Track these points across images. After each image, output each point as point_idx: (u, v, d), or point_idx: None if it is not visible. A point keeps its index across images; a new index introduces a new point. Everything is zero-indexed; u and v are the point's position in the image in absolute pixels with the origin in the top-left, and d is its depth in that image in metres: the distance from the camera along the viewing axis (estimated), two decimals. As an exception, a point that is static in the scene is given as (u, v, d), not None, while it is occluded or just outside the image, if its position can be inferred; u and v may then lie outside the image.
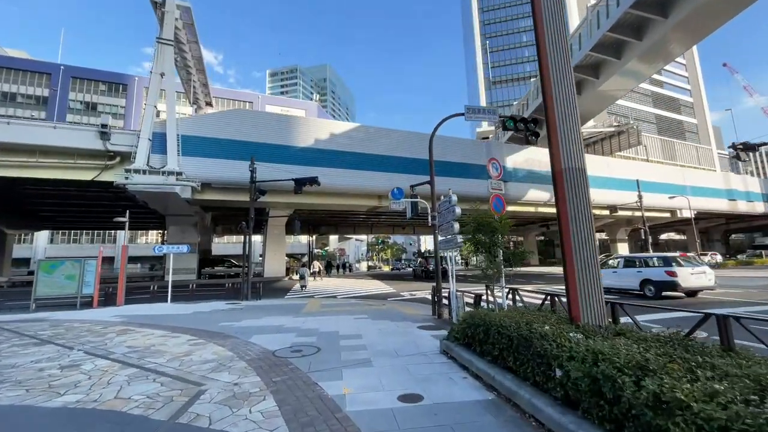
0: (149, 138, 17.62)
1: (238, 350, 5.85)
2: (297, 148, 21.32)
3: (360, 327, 7.74)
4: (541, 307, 5.05)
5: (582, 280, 3.50)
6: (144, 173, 17.01)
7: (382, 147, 23.42)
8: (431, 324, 7.96)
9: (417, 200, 9.86)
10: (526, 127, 10.30)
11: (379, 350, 5.66)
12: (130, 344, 6.52)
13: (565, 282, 3.69)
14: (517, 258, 4.78)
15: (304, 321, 8.82)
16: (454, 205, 7.93)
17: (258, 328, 7.89)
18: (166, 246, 14.58)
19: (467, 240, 5.33)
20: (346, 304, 12.27)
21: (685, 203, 32.29)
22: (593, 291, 3.49)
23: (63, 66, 49.16)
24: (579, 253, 3.55)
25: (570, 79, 3.94)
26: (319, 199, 22.79)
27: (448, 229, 8.11)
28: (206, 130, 19.50)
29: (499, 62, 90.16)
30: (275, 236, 26.78)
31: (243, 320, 9.28)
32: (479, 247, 4.85)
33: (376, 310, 10.62)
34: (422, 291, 16.71)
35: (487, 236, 4.84)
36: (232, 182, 19.46)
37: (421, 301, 13.17)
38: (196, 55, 25.05)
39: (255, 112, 21.06)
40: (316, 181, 15.97)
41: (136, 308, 12.40)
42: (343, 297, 15.64)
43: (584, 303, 3.48)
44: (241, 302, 14.05)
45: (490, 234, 4.86)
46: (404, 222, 43.86)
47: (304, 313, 10.47)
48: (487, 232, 4.87)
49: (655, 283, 11.77)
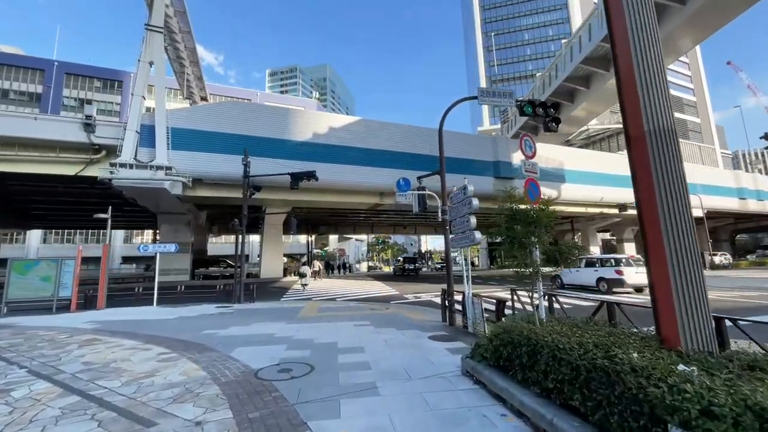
0: (136, 130, 16.58)
1: (213, 369, 4.80)
2: (294, 142, 20.28)
3: (362, 337, 6.70)
4: (590, 319, 4.00)
5: (681, 289, 2.46)
6: (131, 167, 15.96)
7: (383, 142, 22.38)
8: (443, 333, 6.92)
9: (425, 193, 8.81)
10: (545, 112, 9.26)
11: (386, 369, 4.61)
12: (88, 359, 5.48)
13: (651, 291, 2.65)
14: (566, 255, 3.69)
15: (298, 329, 7.78)
16: (470, 196, 6.89)
17: (244, 338, 6.85)
18: (152, 245, 13.54)
19: (498, 234, 4.28)
20: (345, 308, 11.23)
21: (696, 202, 31.25)
22: (697, 304, 2.45)
23: (57, 62, 48.11)
24: (675, 251, 2.51)
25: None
26: (318, 196, 21.74)
27: (463, 224, 7.08)
28: (198, 122, 18.45)
29: (501, 61, 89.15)
30: (272, 235, 25.73)
31: (230, 327, 8.25)
32: (515, 242, 3.80)
33: (379, 315, 9.58)
34: (427, 293, 15.67)
35: (526, 228, 3.80)
36: (225, 178, 18.40)
37: (427, 305, 12.14)
38: (189, 46, 24.01)
39: (250, 104, 20.05)
40: (313, 176, 14.94)
41: (116, 312, 11.36)
42: (343, 299, 14.61)
43: (685, 320, 2.44)
44: (233, 305, 13.04)
45: (529, 226, 3.82)
46: (406, 221, 42.83)
47: (299, 318, 9.44)
48: (525, 223, 3.83)
49: (608, 280, 13.77)
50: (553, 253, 3.75)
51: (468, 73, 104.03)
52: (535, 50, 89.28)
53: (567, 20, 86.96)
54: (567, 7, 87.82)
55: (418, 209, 9.00)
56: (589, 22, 24.24)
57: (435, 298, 13.60)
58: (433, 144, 23.80)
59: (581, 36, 25.27)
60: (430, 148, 23.49)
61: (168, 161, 16.97)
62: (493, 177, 25.30)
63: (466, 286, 7.07)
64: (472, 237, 6.67)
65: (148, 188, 16.30)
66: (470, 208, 6.81)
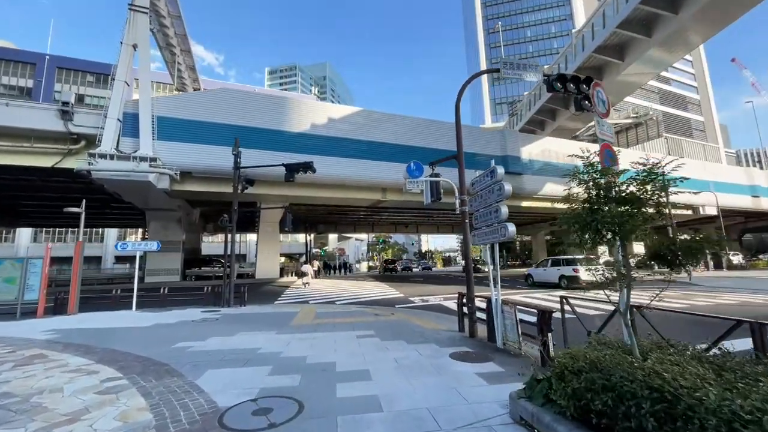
0: (118, 118, 15.23)
1: (165, 408, 3.50)
2: (291, 133, 18.97)
3: (366, 354, 5.40)
4: (711, 348, 2.68)
5: None
6: (111, 158, 14.62)
7: (387, 134, 21.08)
8: (467, 350, 5.60)
9: (439, 179, 7.50)
10: (577, 87, 7.96)
11: (404, 412, 3.31)
12: (9, 389, 4.18)
13: None
14: (695, 250, 2.32)
15: (288, 341, 6.48)
16: (500, 180, 5.60)
17: (222, 355, 5.55)
18: (131, 243, 12.23)
19: (568, 222, 3.00)
20: (346, 314, 9.94)
21: (711, 199, 30.01)
22: None
23: (48, 56, 46.72)
24: None
25: None
26: (317, 191, 20.44)
27: (490, 215, 5.78)
28: (187, 111, 17.12)
29: (503, 58, 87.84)
30: (268, 234, 24.42)
31: (209, 338, 6.95)
32: (602, 229, 2.49)
33: (385, 323, 8.29)
34: (435, 296, 14.38)
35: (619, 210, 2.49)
36: (216, 171, 17.07)
37: (436, 309, 10.86)
38: (179, 32, 22.66)
39: (243, 92, 18.71)
40: (310, 168, 13.63)
41: (87, 319, 10.05)
42: (343, 302, 13.32)
43: None
44: (221, 309, 11.78)
45: (627, 206, 2.51)
46: (407, 219, 41.55)
47: (292, 326, 8.15)
48: (620, 201, 2.53)
49: (567, 277, 15.98)
50: (668, 248, 2.42)
51: (469, 68, 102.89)
52: (538, 47, 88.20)
53: (570, 17, 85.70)
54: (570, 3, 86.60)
55: (430, 200, 7.69)
56: (602, 8, 22.93)
57: (445, 302, 12.32)
58: (440, 136, 22.53)
59: (593, 24, 23.97)
60: (436, 141, 22.21)
61: (153, 152, 15.64)
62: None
63: (493, 290, 5.78)
64: (503, 231, 5.38)
65: (131, 181, 14.95)
66: (500, 195, 5.52)
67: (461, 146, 7.18)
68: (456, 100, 7.31)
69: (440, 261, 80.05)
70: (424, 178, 7.26)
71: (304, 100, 19.98)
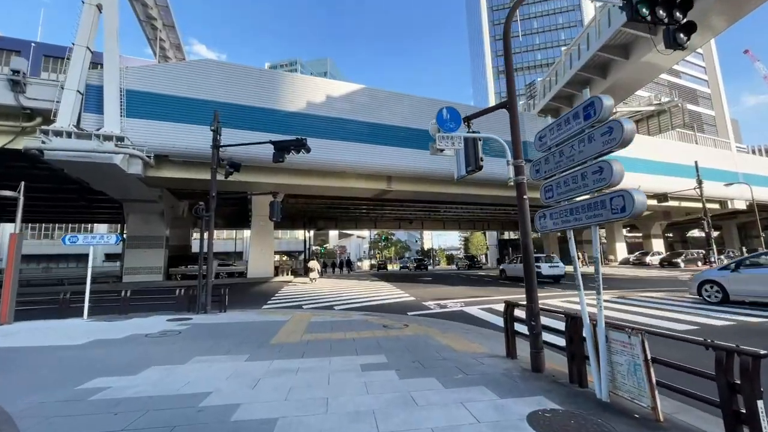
0: (78, 90, 12.95)
1: None
2: (283, 113, 16.66)
3: (379, 414, 3.12)
4: None
5: None
6: (69, 136, 12.34)
7: (393, 115, 18.76)
8: (553, 405, 3.29)
9: (481, 135, 5.19)
10: (669, 13, 5.65)
11: None
12: None
13: None
14: None
15: (257, 380, 4.22)
16: (607, 118, 3.31)
17: (136, 415, 3.28)
18: (82, 236, 9.94)
19: None
20: (345, 325, 7.68)
21: (743, 192, 27.61)
22: None
23: (34, 43, 44.30)
24: None
25: None
26: (314, 179, 18.14)
27: (585, 178, 3.48)
28: (162, 84, 14.83)
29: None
30: (261, 229, 22.14)
31: (145, 370, 4.72)
32: None
33: (399, 341, 6.06)
34: (453, 300, 12.10)
35: None
36: (195, 155, 14.80)
37: (459, 318, 8.61)
38: (161, 3, 20.35)
39: (228, 64, 16.40)
40: (303, 146, 11.34)
41: (15, 331, 7.82)
42: (343, 307, 11.08)
43: None
44: (193, 317, 9.59)
45: None
46: (411, 214, 39.27)
47: (272, 346, 5.94)
48: None
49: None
50: None
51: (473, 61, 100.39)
52: (544, 39, 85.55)
53: (578, 6, 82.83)
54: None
55: (465, 171, 5.36)
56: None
57: (468, 309, 10.04)
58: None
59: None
60: (446, 125, 19.87)
61: (121, 130, 13.37)
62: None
63: (584, 300, 3.51)
64: (618, 204, 3.08)
65: (94, 164, 12.65)
66: (610, 142, 3.21)
67: (513, 86, 4.88)
68: (506, 20, 4.99)
69: (444, 259, 77.84)
70: (460, 133, 4.94)
71: (299, 75, 17.65)
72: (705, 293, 9.52)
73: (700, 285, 9.66)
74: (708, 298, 9.42)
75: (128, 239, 20.07)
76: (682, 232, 53.52)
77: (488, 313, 9.23)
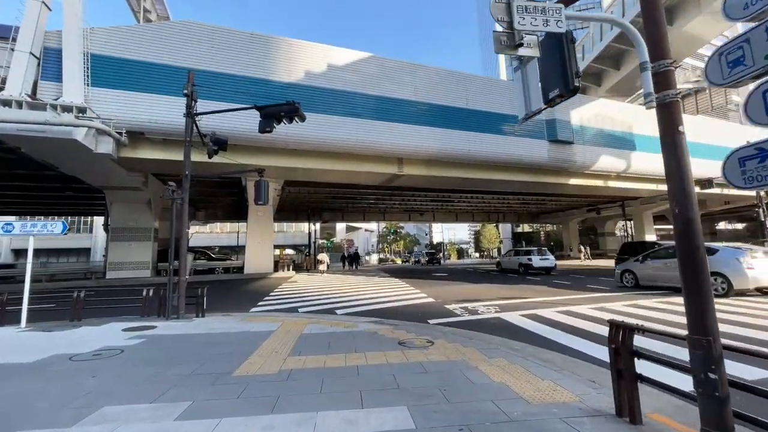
0: (32, 52, 10.91)
1: None
2: (278, 84, 14.42)
3: None
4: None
5: None
6: (20, 107, 10.32)
7: (404, 89, 16.39)
8: None
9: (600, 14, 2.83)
10: None
11: None
12: None
13: None
14: None
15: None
16: None
17: None
18: (21, 224, 7.92)
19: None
20: (348, 340, 5.46)
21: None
22: None
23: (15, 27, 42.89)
24: None
25: None
26: (316, 161, 15.94)
27: None
28: (136, 49, 12.70)
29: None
30: (259, 219, 20.07)
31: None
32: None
33: (424, 372, 3.87)
34: (479, 303, 9.77)
35: None
36: (175, 131, 12.65)
37: (499, 329, 6.29)
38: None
39: (212, 26, 14.10)
40: (296, 112, 9.07)
41: None
42: (347, 312, 8.91)
43: None
44: (157, 324, 7.60)
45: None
46: (423, 206, 36.90)
47: (234, 381, 3.78)
48: None
49: (523, 265, 18.61)
50: None
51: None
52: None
53: None
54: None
55: (549, 96, 3.08)
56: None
57: (505, 316, 7.70)
58: (473, 94, 17.79)
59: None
60: (467, 100, 17.45)
61: (85, 101, 11.32)
62: (547, 141, 19.09)
63: None
64: None
65: (50, 139, 10.60)
66: None
67: None
68: None
69: (455, 253, 75.41)
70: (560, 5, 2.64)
71: (295, 40, 15.32)
72: (625, 280, 11.63)
73: (621, 273, 11.84)
74: (626, 283, 11.56)
75: (112, 231, 18.20)
76: (711, 223, 50.28)
77: (537, 323, 6.93)
